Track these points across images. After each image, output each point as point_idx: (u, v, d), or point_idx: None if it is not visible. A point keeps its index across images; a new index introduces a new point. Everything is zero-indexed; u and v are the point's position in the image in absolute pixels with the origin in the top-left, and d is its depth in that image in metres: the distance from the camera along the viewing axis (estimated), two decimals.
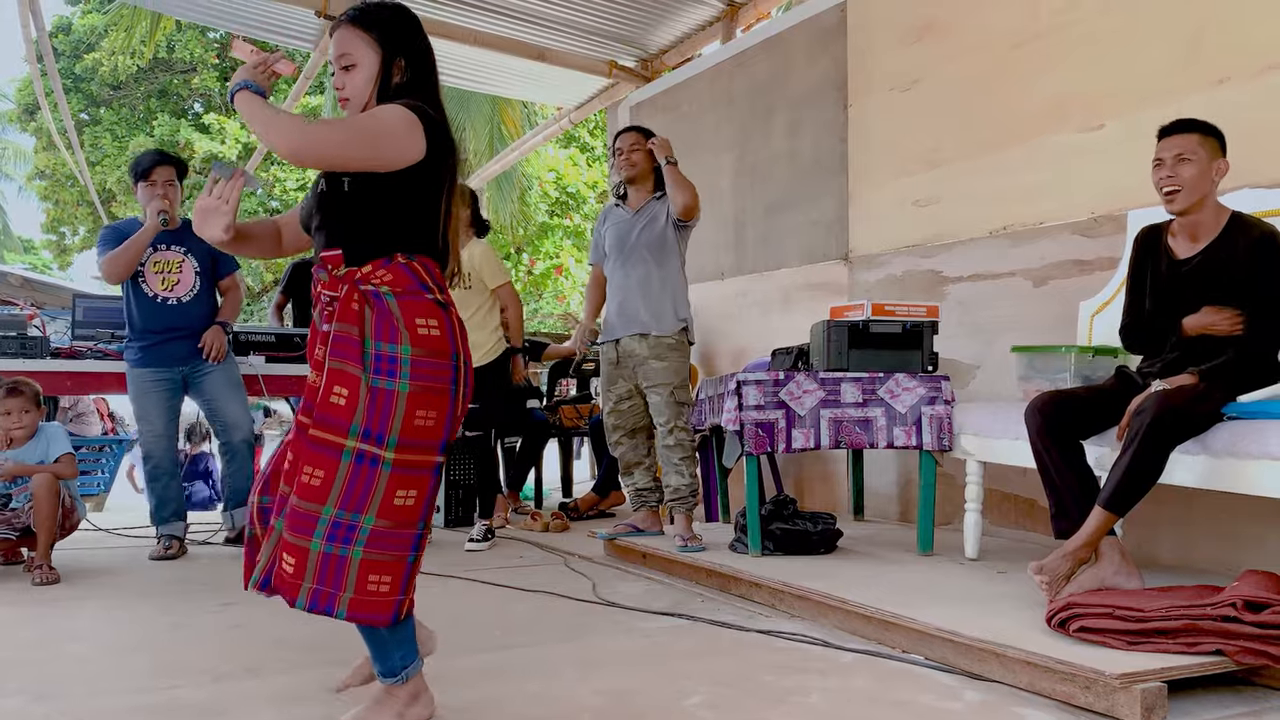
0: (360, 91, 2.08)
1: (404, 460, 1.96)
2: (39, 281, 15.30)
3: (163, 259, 4.40)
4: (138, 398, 4.39)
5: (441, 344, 2.00)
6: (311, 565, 1.94)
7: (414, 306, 1.99)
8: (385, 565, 1.96)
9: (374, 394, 1.95)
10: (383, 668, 2.08)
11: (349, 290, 1.99)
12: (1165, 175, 2.96)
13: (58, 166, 18.75)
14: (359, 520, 1.94)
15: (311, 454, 1.96)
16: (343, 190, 2.00)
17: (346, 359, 1.97)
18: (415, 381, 1.96)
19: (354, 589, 1.94)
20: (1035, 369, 3.47)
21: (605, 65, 7.44)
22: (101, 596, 3.55)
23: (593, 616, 3.23)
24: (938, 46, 4.70)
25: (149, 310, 4.37)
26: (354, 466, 1.94)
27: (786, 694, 2.39)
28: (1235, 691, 2.38)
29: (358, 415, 1.95)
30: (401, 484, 1.96)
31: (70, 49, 18.28)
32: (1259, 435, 2.62)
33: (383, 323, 1.97)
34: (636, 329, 4.22)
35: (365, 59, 2.08)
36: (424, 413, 1.97)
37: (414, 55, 2.11)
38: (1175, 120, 3.02)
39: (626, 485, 4.55)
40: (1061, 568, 2.76)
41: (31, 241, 24.92)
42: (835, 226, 5.29)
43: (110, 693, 2.42)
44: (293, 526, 1.95)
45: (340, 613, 1.94)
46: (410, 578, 2.01)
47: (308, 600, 1.95)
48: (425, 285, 2.02)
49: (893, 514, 4.89)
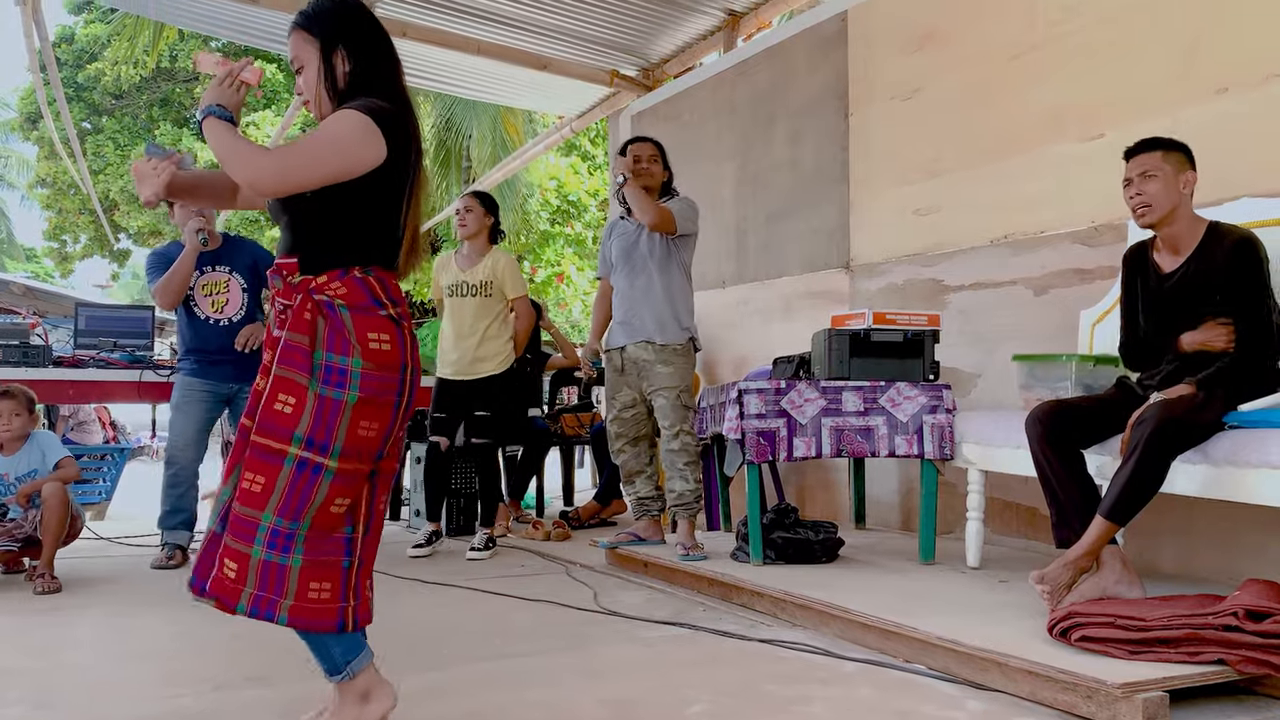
0: (311, 89, 2.11)
1: (345, 469, 1.98)
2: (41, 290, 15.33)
3: (210, 280, 4.51)
4: (180, 404, 4.45)
5: (392, 358, 2.02)
6: (253, 571, 1.95)
7: (367, 321, 2.01)
8: (325, 572, 1.98)
9: (321, 403, 1.96)
10: (326, 666, 2.07)
11: (303, 299, 2.00)
12: (1134, 194, 3.04)
13: (59, 175, 18.78)
14: (296, 529, 1.96)
15: (253, 460, 1.97)
16: (305, 195, 2.00)
17: (295, 368, 1.98)
18: (363, 393, 1.98)
19: (294, 596, 1.95)
20: (1036, 378, 3.48)
21: (607, 74, 7.46)
22: (103, 605, 3.55)
23: (594, 625, 3.23)
24: (938, 56, 4.72)
25: (203, 332, 4.48)
26: (294, 474, 1.95)
27: (789, 704, 2.39)
28: (1237, 701, 2.38)
29: (302, 423, 1.96)
30: (340, 491, 1.99)
31: (73, 58, 18.32)
32: (1260, 444, 2.63)
33: (335, 335, 1.99)
34: (642, 337, 4.24)
35: (309, 57, 2.11)
36: (367, 423, 2.00)
37: (355, 43, 2.12)
38: (1137, 141, 3.08)
39: (628, 494, 4.55)
40: (1063, 577, 2.76)
41: (34, 250, 24.96)
42: (836, 235, 5.29)
43: (112, 702, 2.42)
44: (234, 532, 1.96)
45: (281, 618, 1.95)
46: (350, 583, 2.01)
47: (249, 606, 1.95)
48: (379, 301, 2.04)
49: (894, 523, 4.89)
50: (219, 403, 4.52)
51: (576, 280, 17.12)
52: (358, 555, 2.04)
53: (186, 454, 4.43)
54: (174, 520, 4.43)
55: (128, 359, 4.84)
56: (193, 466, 4.45)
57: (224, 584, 1.96)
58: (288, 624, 1.96)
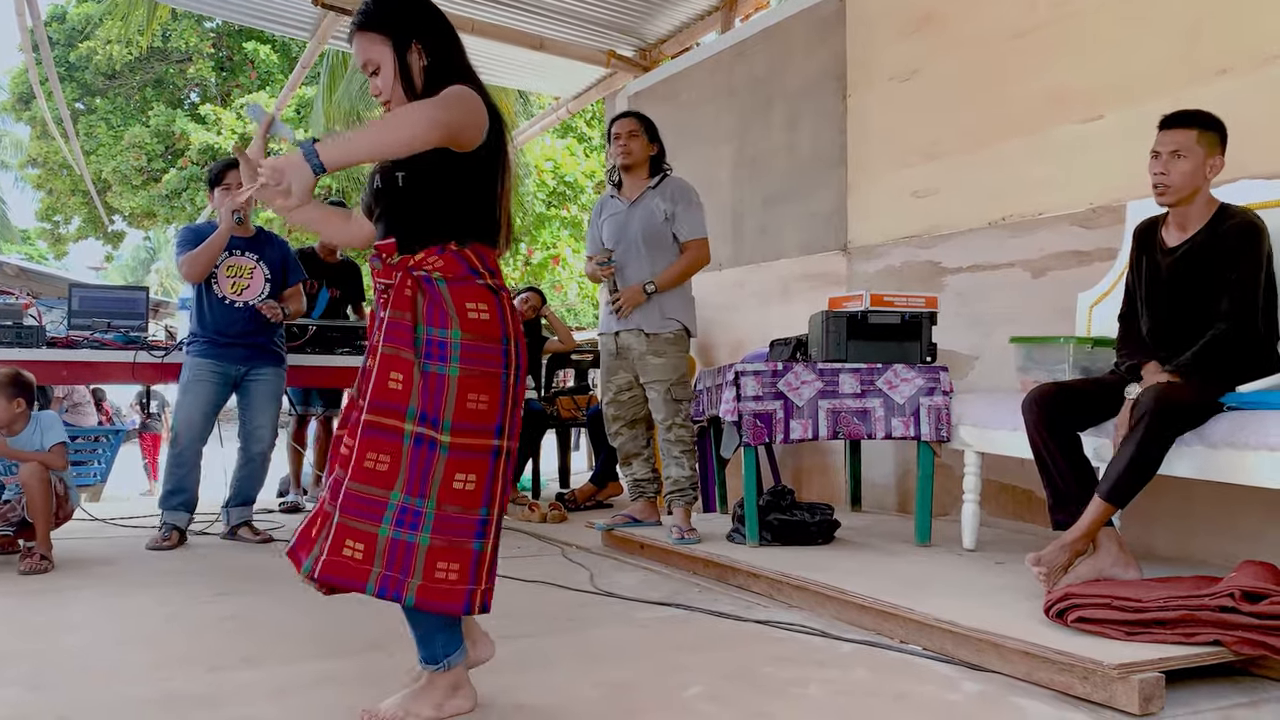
0: (389, 89, 2.10)
1: (460, 444, 1.98)
2: (35, 271, 15.30)
3: (236, 264, 4.52)
4: (188, 384, 4.45)
5: (491, 328, 2.03)
6: (380, 551, 1.95)
7: (464, 291, 2.02)
8: (452, 552, 1.98)
9: (426, 378, 1.98)
10: (425, 653, 2.09)
11: (402, 277, 2.03)
12: (1158, 171, 2.97)
13: (51, 155, 18.68)
14: (424, 506, 1.96)
15: (372, 439, 1.97)
16: (397, 185, 2.04)
17: (399, 344, 2.00)
18: (465, 365, 1.99)
19: (422, 575, 1.96)
20: (1034, 360, 3.47)
21: (604, 55, 7.41)
22: (98, 587, 3.54)
23: (590, 607, 3.23)
24: (937, 38, 4.69)
25: (217, 311, 4.47)
26: (414, 450, 1.97)
27: (786, 685, 2.39)
28: (1233, 682, 2.38)
29: (413, 399, 1.97)
30: (459, 468, 1.98)
31: (65, 37, 18.19)
32: (1258, 426, 2.62)
33: (433, 308, 2.01)
34: (633, 325, 4.20)
35: (383, 58, 2.10)
36: (475, 396, 1.99)
37: (427, 35, 2.11)
38: (1177, 112, 3.00)
39: (625, 476, 4.55)
40: (1059, 559, 2.76)
41: (27, 232, 24.87)
42: (834, 217, 5.28)
43: (106, 684, 2.41)
44: (358, 512, 1.95)
45: (409, 599, 1.96)
46: (481, 566, 2.01)
47: (376, 586, 1.95)
48: (476, 271, 2.05)
49: (890, 505, 4.89)
50: (227, 385, 4.50)
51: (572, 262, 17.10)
52: (491, 539, 2.04)
53: (191, 433, 4.42)
54: (174, 500, 4.42)
55: (122, 340, 4.81)
56: (196, 447, 4.44)
57: (348, 566, 1.95)
58: (415, 605, 1.96)
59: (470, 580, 1.99)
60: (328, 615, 3.12)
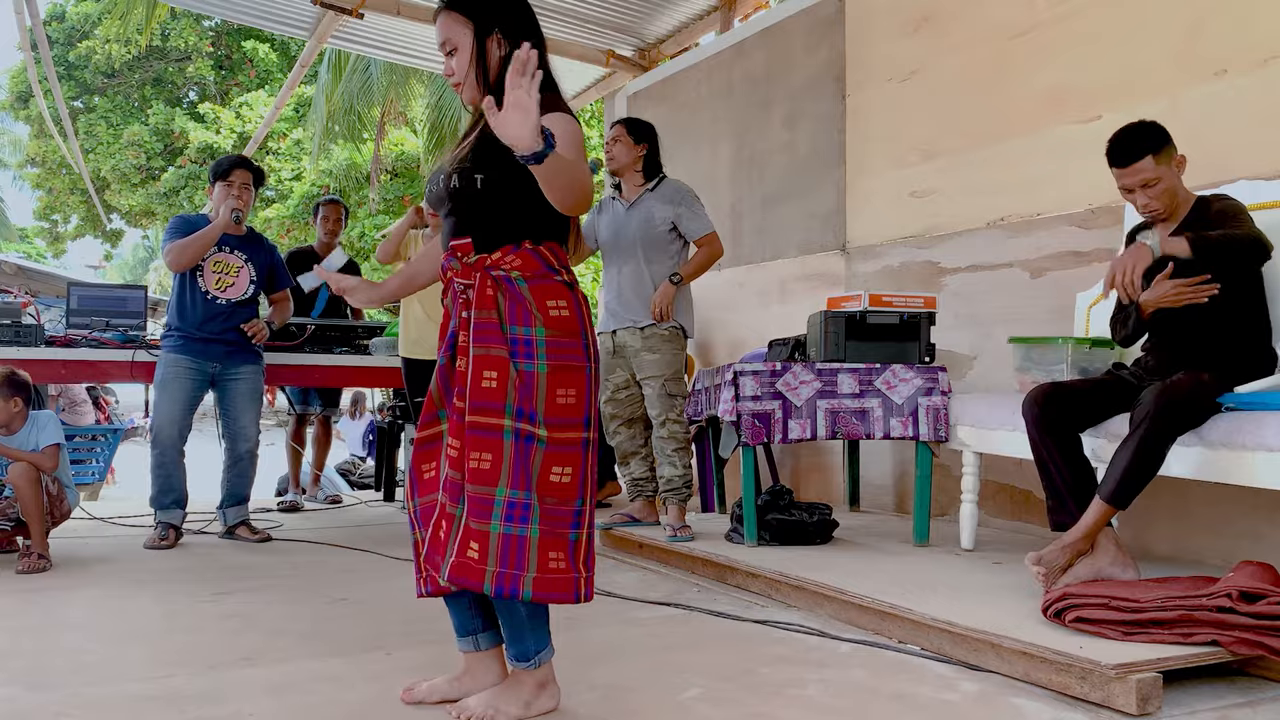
0: (463, 72, 2.14)
1: (554, 438, 2.03)
2: (33, 270, 15.29)
3: (224, 260, 4.50)
4: (163, 382, 4.42)
5: (572, 324, 2.06)
6: (493, 549, 1.98)
7: (545, 289, 2.06)
8: (557, 543, 2.02)
9: (518, 375, 2.02)
10: (515, 650, 2.11)
11: (482, 277, 2.06)
12: (1142, 204, 2.98)
13: (49, 154, 18.67)
14: (531, 499, 2.00)
15: (475, 439, 2.01)
16: (476, 187, 2.06)
17: (490, 343, 2.03)
18: (552, 361, 2.03)
19: (536, 568, 1.99)
20: (1032, 360, 3.47)
21: (603, 54, 7.42)
22: (96, 585, 3.54)
23: (588, 606, 3.21)
24: (936, 38, 4.69)
25: (199, 306, 4.44)
26: (515, 445, 2.01)
27: (784, 686, 2.39)
28: (1230, 682, 2.39)
29: (509, 395, 2.01)
30: (556, 460, 2.03)
31: (64, 36, 18.19)
32: (1256, 427, 2.62)
33: (516, 307, 2.04)
34: (629, 322, 4.21)
35: (462, 41, 2.13)
36: (564, 390, 2.04)
37: (510, 27, 2.13)
38: (1119, 147, 2.95)
39: (623, 475, 4.55)
40: (1060, 560, 2.76)
41: (25, 230, 24.85)
42: (833, 217, 5.28)
43: (106, 682, 2.41)
44: (473, 513, 2.00)
45: (526, 593, 1.99)
46: (578, 555, 2.04)
47: (493, 585, 1.99)
48: (553, 268, 2.08)
49: (889, 505, 4.89)
50: (204, 382, 4.47)
51: None
52: (586, 528, 2.07)
53: (170, 432, 4.39)
54: (166, 500, 4.41)
55: (120, 339, 4.81)
56: (177, 445, 4.41)
57: (469, 567, 1.99)
58: (533, 598, 1.99)
59: (574, 569, 2.03)
60: (327, 614, 3.12)
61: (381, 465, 6.29)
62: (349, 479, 7.34)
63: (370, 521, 5.22)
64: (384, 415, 6.41)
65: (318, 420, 5.89)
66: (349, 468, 8.57)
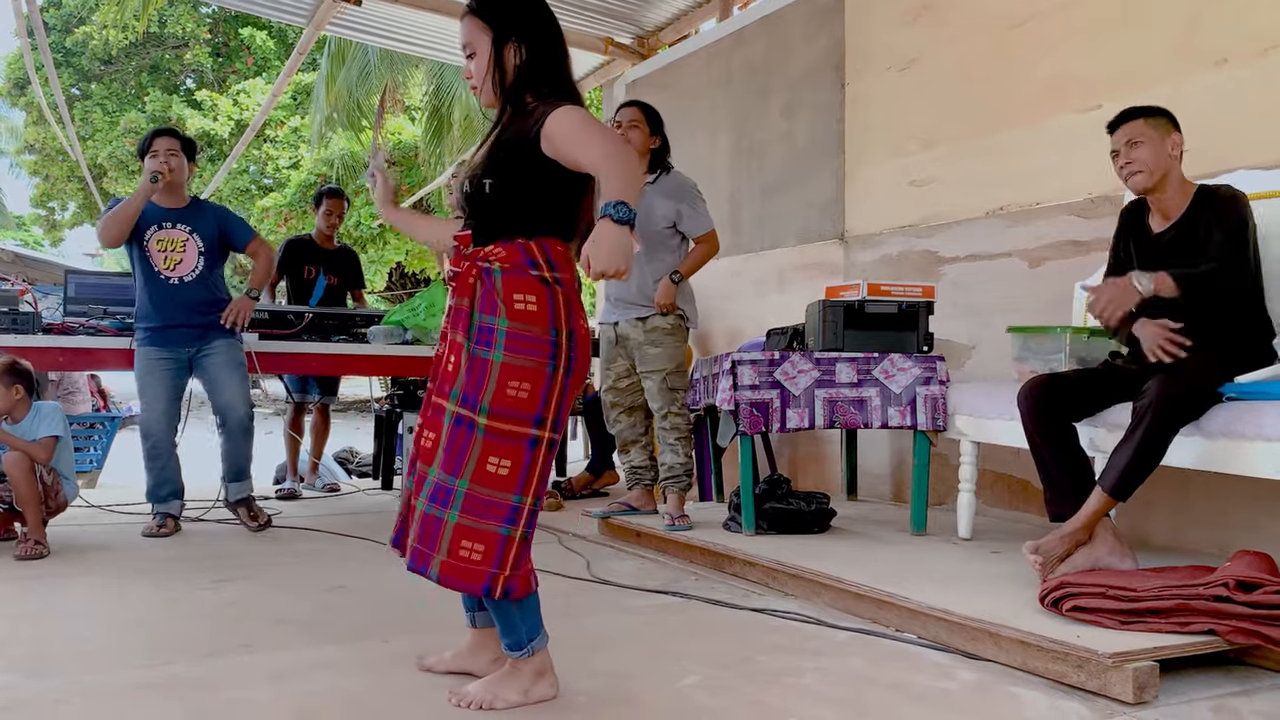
0: (480, 76, 2.17)
1: (496, 428, 2.03)
2: (31, 257, 15.25)
3: (166, 236, 4.42)
4: (142, 375, 4.39)
5: (539, 319, 2.06)
6: (416, 525, 2.06)
7: (516, 282, 2.07)
8: (478, 534, 2.03)
9: (472, 361, 2.05)
10: (508, 640, 2.13)
11: (468, 266, 2.10)
12: (1123, 163, 3.05)
13: (46, 141, 18.61)
14: (454, 484, 2.03)
15: (430, 419, 2.12)
16: (484, 192, 2.11)
17: (457, 329, 2.10)
18: (509, 353, 2.04)
19: (446, 552, 2.02)
20: (1030, 350, 3.47)
21: (601, 42, 7.39)
22: (95, 573, 3.54)
23: (586, 594, 3.24)
24: (935, 26, 4.68)
25: (154, 289, 4.39)
26: (453, 429, 2.05)
27: (781, 674, 2.40)
28: (1226, 671, 2.40)
29: (459, 381, 2.06)
30: (494, 451, 2.03)
31: (61, 23, 18.11)
32: (1254, 417, 2.63)
33: (486, 296, 2.07)
34: (632, 314, 4.21)
35: (481, 46, 2.16)
36: (516, 383, 2.04)
37: (528, 35, 2.16)
38: (1120, 112, 3.09)
39: (622, 463, 4.55)
40: (1058, 549, 2.77)
41: (23, 218, 24.79)
42: (831, 206, 5.27)
43: (105, 669, 2.42)
44: (415, 488, 2.11)
45: (433, 574, 2.03)
46: (507, 552, 2.04)
47: (410, 559, 2.07)
48: (534, 262, 2.08)
49: (886, 494, 4.90)
50: (181, 369, 4.42)
51: None
52: (522, 526, 2.07)
53: (160, 424, 4.37)
54: (162, 492, 4.40)
55: (118, 326, 4.80)
56: (169, 438, 4.41)
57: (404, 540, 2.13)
58: (438, 580, 2.03)
59: (494, 564, 2.03)
60: (325, 602, 3.13)
61: (380, 453, 6.28)
62: (347, 467, 7.33)
63: (369, 510, 5.22)
64: (382, 404, 6.40)
65: (316, 408, 5.88)
66: (347, 456, 8.57)
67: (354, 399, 16.88)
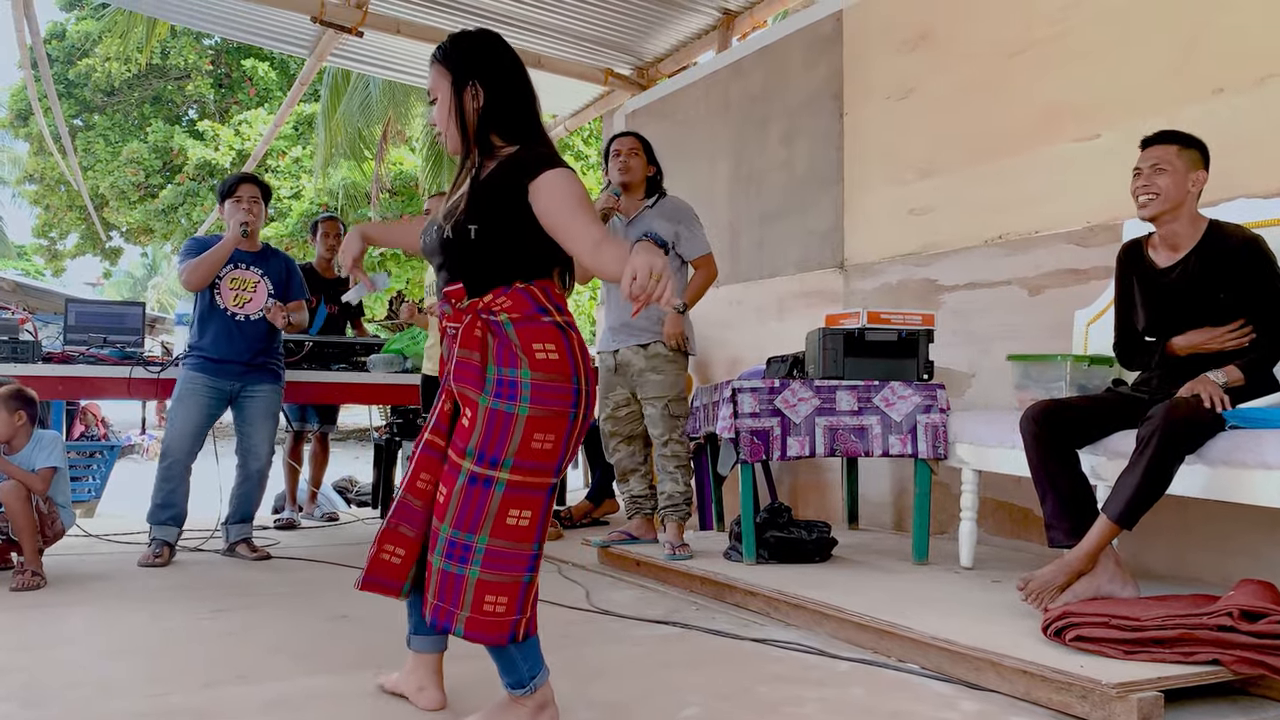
0: (442, 121, 2.17)
1: (518, 481, 2.01)
2: (31, 286, 15.27)
3: (240, 277, 4.53)
4: (182, 397, 4.44)
5: (561, 367, 2.04)
6: (434, 581, 2.03)
7: (532, 331, 2.04)
8: (502, 586, 2.01)
9: (492, 416, 2.01)
10: (510, 680, 2.10)
11: (472, 319, 2.06)
12: (1141, 184, 3.03)
13: (48, 171, 18.70)
14: (472, 540, 2.00)
15: (447, 475, 2.07)
16: (469, 238, 2.07)
17: (467, 384, 2.05)
18: (535, 405, 2.01)
19: (470, 608, 2.00)
20: (1031, 377, 3.47)
21: (601, 73, 7.45)
22: (92, 602, 3.52)
23: (586, 625, 3.22)
24: (933, 56, 4.71)
25: (220, 323, 4.47)
26: (468, 488, 2.01)
27: (782, 704, 2.38)
28: (1231, 701, 2.38)
29: (474, 438, 2.02)
30: (515, 504, 2.01)
31: (64, 55, 18.24)
32: (1256, 445, 2.62)
33: (503, 349, 2.04)
34: (632, 342, 4.21)
35: (442, 90, 2.16)
36: (542, 435, 2.02)
37: (487, 77, 2.14)
38: (1157, 131, 3.07)
39: (622, 492, 4.54)
40: (1058, 579, 2.74)
41: (24, 248, 24.86)
42: (830, 235, 5.29)
43: (101, 699, 2.39)
44: (430, 544, 2.07)
45: (458, 630, 2.01)
46: (527, 598, 2.04)
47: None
48: (544, 309, 2.07)
49: (887, 522, 4.88)
50: (221, 401, 4.49)
51: None
52: (538, 570, 2.07)
53: (181, 448, 4.40)
54: (163, 515, 4.40)
55: (118, 355, 4.81)
56: (186, 461, 4.43)
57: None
58: (464, 636, 2.01)
59: (517, 611, 2.03)
60: (323, 632, 3.10)
61: (379, 482, 6.26)
62: (346, 496, 7.31)
63: (367, 539, 5.19)
64: (382, 433, 6.39)
65: (315, 437, 5.87)
66: (346, 485, 8.55)
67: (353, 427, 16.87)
